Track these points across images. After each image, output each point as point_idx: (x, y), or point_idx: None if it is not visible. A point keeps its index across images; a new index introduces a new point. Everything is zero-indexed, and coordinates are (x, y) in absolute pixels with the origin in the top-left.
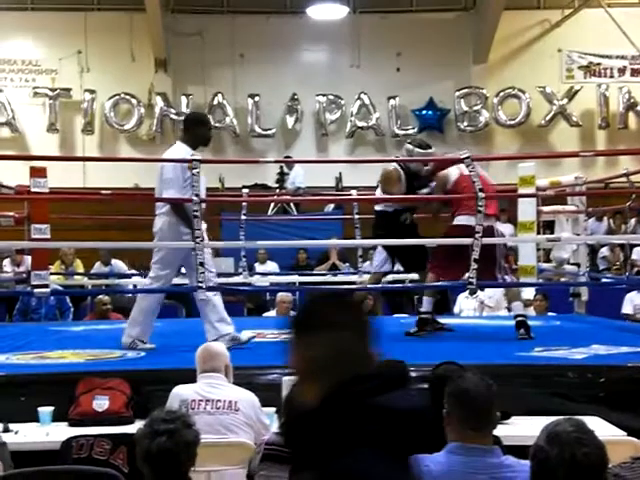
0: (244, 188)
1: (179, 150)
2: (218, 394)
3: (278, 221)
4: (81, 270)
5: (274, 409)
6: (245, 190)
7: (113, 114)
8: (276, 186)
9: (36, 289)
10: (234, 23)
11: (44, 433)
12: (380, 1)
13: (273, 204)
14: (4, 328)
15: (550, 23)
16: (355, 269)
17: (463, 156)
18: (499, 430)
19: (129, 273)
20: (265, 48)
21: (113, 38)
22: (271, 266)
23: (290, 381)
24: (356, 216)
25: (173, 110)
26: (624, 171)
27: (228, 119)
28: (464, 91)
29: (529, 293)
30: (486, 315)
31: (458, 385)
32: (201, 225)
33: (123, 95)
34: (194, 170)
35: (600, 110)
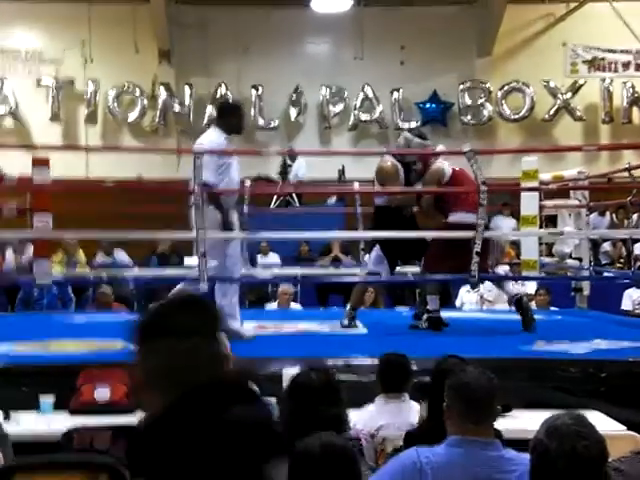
0: (247, 180)
1: (213, 135)
2: None
3: (280, 213)
4: (83, 260)
5: (274, 400)
6: (248, 182)
7: (116, 105)
8: (279, 178)
9: (38, 279)
10: (238, 14)
11: (45, 423)
12: None
13: (276, 196)
14: (6, 318)
15: (555, 17)
16: (357, 262)
17: (465, 150)
18: (499, 423)
19: (131, 263)
20: (269, 40)
21: (117, 29)
22: (273, 258)
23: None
24: (358, 208)
25: (176, 101)
26: (627, 165)
27: None
28: (468, 84)
29: (531, 287)
30: (487, 309)
31: (459, 378)
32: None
33: (126, 86)
34: (197, 161)
35: (604, 104)
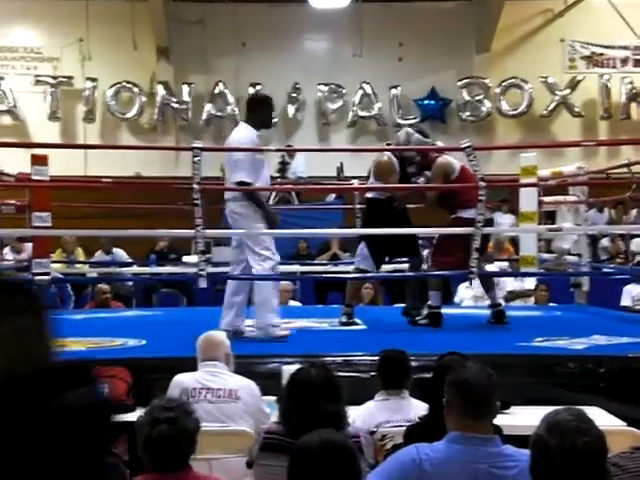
0: None
1: (245, 131)
2: (219, 383)
3: (279, 210)
4: (82, 258)
5: (274, 398)
6: None
7: (114, 102)
8: (277, 175)
9: (37, 277)
10: (236, 11)
11: None
12: None
13: (274, 193)
14: None
15: (553, 13)
16: None
17: (464, 145)
18: (499, 420)
19: (130, 261)
20: (267, 37)
21: (115, 26)
22: None
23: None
24: (357, 206)
25: (174, 99)
26: (626, 161)
27: (229, 108)
28: (466, 81)
29: (530, 283)
30: (482, 305)
31: (458, 374)
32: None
33: (125, 83)
34: (196, 158)
35: (602, 100)
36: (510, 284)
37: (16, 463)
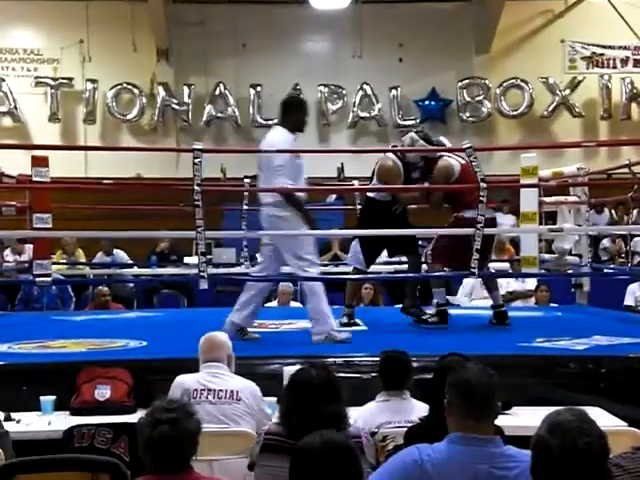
0: (246, 178)
1: (282, 135)
2: (220, 384)
3: None
4: (83, 260)
5: (275, 399)
6: (247, 180)
7: (115, 104)
8: None
9: (38, 278)
10: (236, 12)
11: (46, 422)
12: None
13: None
14: (6, 317)
15: (553, 13)
16: None
17: (465, 147)
18: (500, 420)
19: (130, 263)
20: (267, 38)
21: (115, 28)
22: None
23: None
24: (358, 206)
25: (175, 100)
26: (627, 162)
27: (230, 109)
28: (466, 82)
29: (531, 284)
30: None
31: (459, 375)
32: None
33: (125, 85)
34: (196, 159)
35: (603, 101)
36: (511, 285)
37: None
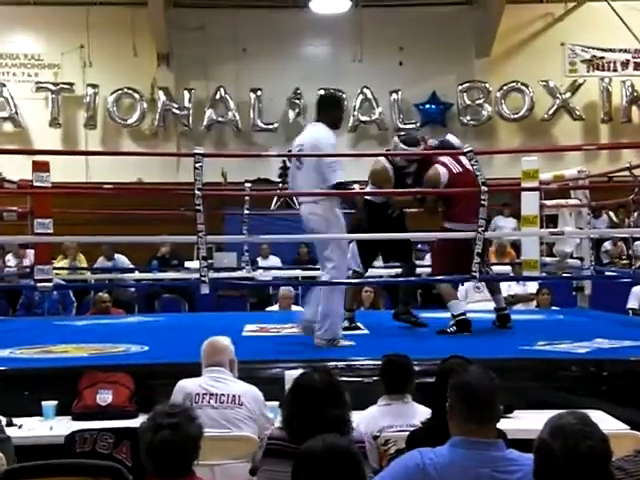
0: (247, 182)
1: (325, 131)
2: (222, 388)
3: (281, 216)
4: (84, 265)
5: (277, 403)
6: (248, 184)
7: (115, 109)
8: (279, 180)
9: (39, 283)
10: (236, 17)
11: (48, 427)
12: None
13: (276, 198)
14: (7, 322)
15: (553, 17)
16: None
17: (465, 150)
18: (502, 424)
19: (132, 267)
20: (267, 42)
21: (115, 33)
22: (274, 261)
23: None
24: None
25: (175, 104)
26: (627, 164)
27: (230, 113)
28: (467, 85)
29: (532, 287)
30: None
31: (460, 378)
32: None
33: (125, 90)
34: (197, 164)
35: (603, 104)
36: (512, 288)
37: None
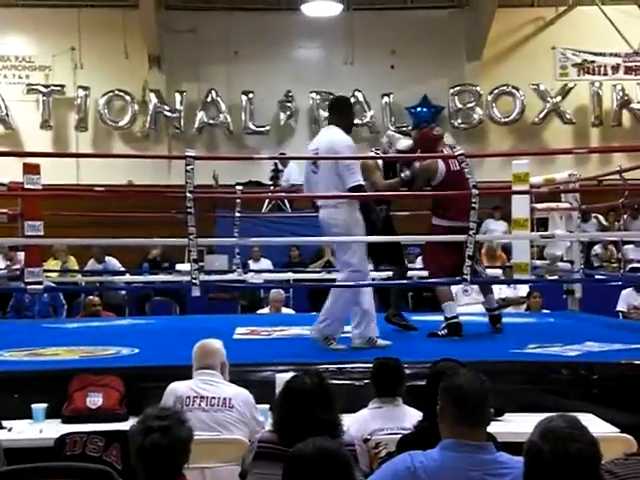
0: (238, 185)
1: (341, 135)
2: (213, 391)
3: (272, 218)
4: (75, 267)
5: (268, 406)
6: (239, 187)
7: (107, 111)
8: (270, 183)
9: (29, 286)
10: (228, 20)
11: (37, 430)
12: None
13: (267, 201)
14: None
15: (544, 21)
16: None
17: (457, 153)
18: (492, 427)
19: (122, 270)
20: (259, 45)
21: (106, 35)
22: (265, 263)
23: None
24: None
25: (167, 107)
26: (617, 168)
27: (222, 116)
28: (458, 88)
29: (523, 291)
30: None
31: (451, 381)
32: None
33: (117, 92)
34: (188, 166)
35: (594, 108)
36: (503, 291)
37: None
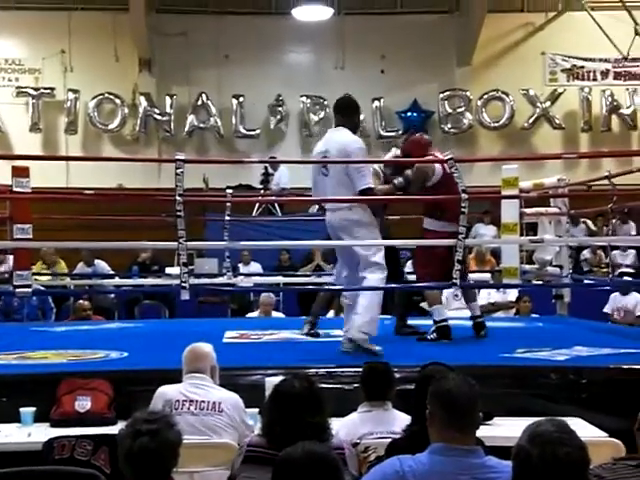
0: (228, 188)
1: (352, 136)
2: (202, 395)
3: (262, 222)
4: (64, 270)
5: (257, 410)
6: (229, 190)
7: (96, 114)
8: (260, 187)
9: (18, 289)
10: (219, 23)
11: (26, 434)
12: (365, 3)
13: (257, 205)
14: None
15: (534, 26)
16: None
17: (446, 158)
18: (481, 431)
19: (112, 273)
20: (250, 49)
21: (97, 38)
22: (255, 267)
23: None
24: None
25: (157, 110)
26: (606, 173)
27: (212, 120)
28: (448, 93)
29: (512, 295)
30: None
31: (440, 385)
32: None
33: (107, 95)
34: (178, 170)
35: (583, 113)
36: (492, 296)
37: None
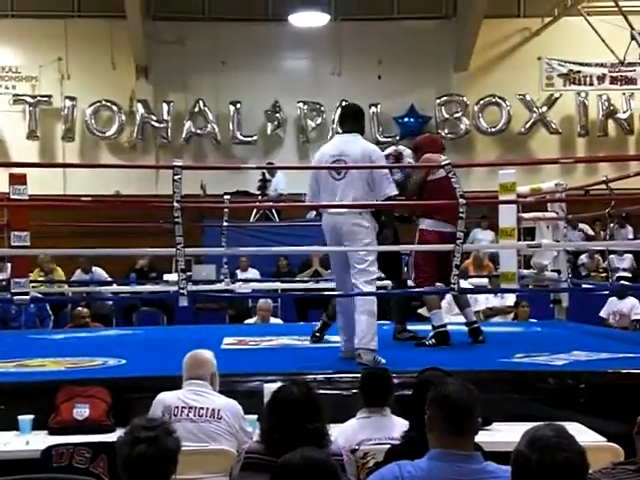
0: (226, 195)
1: (368, 142)
2: (202, 402)
3: (260, 228)
4: (62, 278)
5: (256, 416)
6: (227, 197)
7: (94, 121)
8: (258, 193)
9: (16, 297)
10: (215, 30)
11: (24, 442)
12: (361, 9)
13: (255, 211)
14: None
15: (530, 31)
16: None
17: (443, 163)
18: (480, 436)
19: (109, 280)
20: (246, 55)
21: (94, 45)
22: (252, 273)
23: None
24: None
25: (154, 117)
26: (604, 178)
27: (209, 126)
28: (445, 98)
29: (510, 300)
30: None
31: (439, 391)
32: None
33: (104, 102)
34: (176, 176)
35: (579, 118)
36: (490, 301)
37: None
